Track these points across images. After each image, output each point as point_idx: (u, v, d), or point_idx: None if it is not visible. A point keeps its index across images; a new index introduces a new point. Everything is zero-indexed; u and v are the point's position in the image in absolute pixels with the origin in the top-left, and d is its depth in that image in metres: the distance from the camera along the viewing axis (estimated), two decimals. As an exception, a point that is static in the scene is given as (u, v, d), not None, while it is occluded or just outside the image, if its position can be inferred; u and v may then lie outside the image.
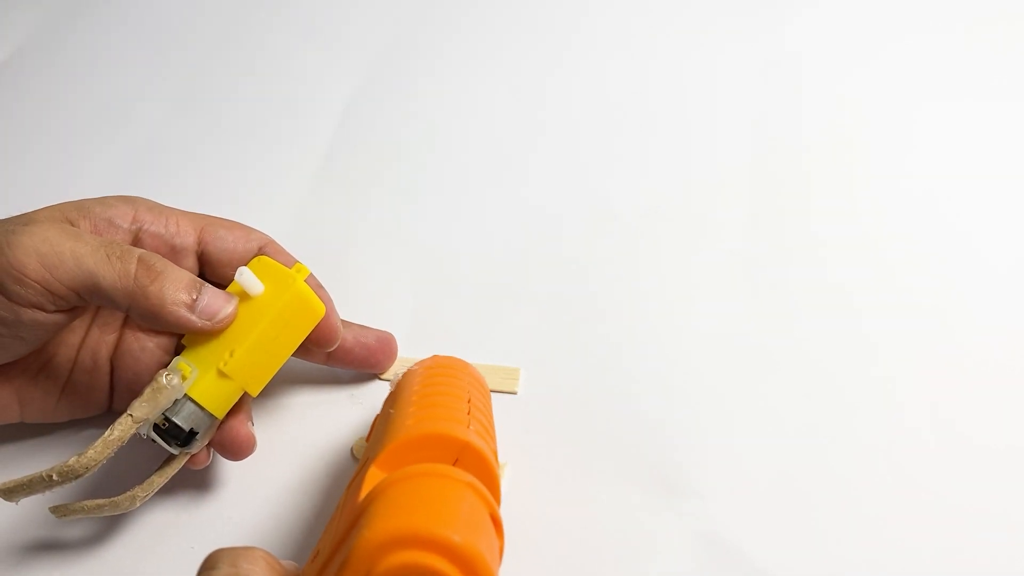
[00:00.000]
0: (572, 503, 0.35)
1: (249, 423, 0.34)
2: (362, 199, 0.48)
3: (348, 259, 0.45)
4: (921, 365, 0.37)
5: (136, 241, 0.35)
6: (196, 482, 0.37)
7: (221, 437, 0.34)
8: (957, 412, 0.36)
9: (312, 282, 0.35)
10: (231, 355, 0.32)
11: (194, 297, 0.31)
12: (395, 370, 0.40)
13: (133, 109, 0.54)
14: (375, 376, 0.40)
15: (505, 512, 0.35)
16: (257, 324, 0.32)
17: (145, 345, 0.36)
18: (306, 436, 0.38)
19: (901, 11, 0.52)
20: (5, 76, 0.57)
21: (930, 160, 0.45)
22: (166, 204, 0.37)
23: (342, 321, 0.37)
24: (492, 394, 0.38)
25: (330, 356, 0.37)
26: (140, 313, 0.31)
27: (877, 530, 0.33)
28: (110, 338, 0.36)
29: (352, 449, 0.37)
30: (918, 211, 0.43)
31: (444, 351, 0.40)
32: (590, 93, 0.51)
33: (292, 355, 0.35)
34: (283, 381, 0.40)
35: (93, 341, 0.36)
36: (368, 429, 0.35)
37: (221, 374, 0.32)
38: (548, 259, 0.43)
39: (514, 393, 0.38)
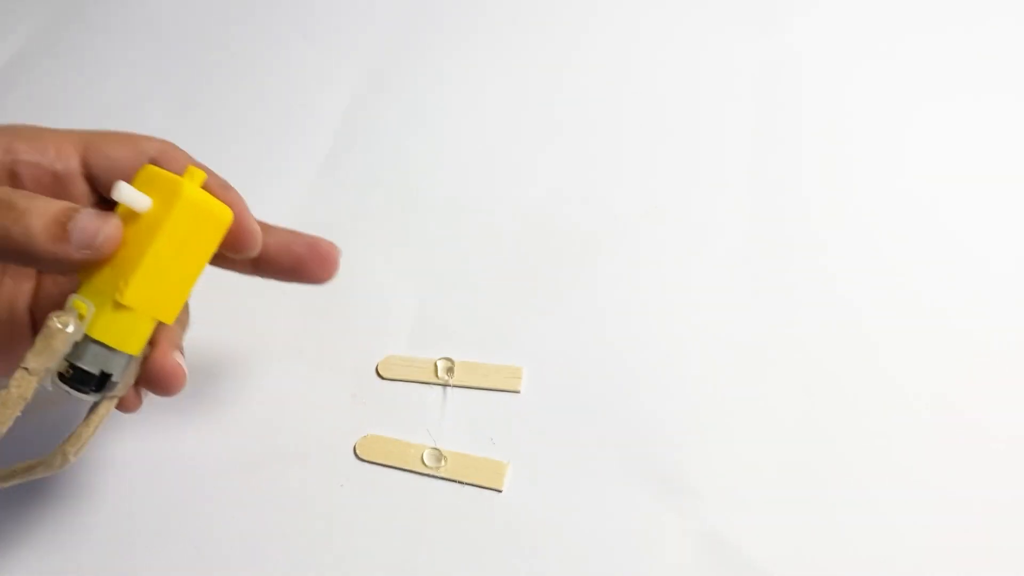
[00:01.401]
0: (574, 502, 0.35)
1: (175, 353, 0.31)
2: (364, 199, 0.48)
3: (351, 259, 0.45)
4: (921, 363, 0.37)
5: (12, 176, 0.31)
6: (195, 482, 0.37)
7: (146, 373, 0.30)
8: (957, 409, 0.36)
9: (216, 182, 0.31)
10: (125, 283, 0.28)
11: (65, 226, 0.27)
12: (394, 370, 0.40)
13: (133, 111, 0.54)
14: (377, 375, 0.40)
15: (506, 511, 0.35)
16: (149, 244, 0.28)
17: (66, 289, 0.30)
18: (307, 435, 0.38)
19: (901, 11, 0.52)
20: (6, 78, 0.57)
21: (930, 160, 0.45)
22: None
23: (270, 226, 0.33)
24: (495, 393, 0.39)
25: (256, 266, 0.34)
26: (15, 258, 0.28)
27: (878, 528, 0.33)
28: (26, 287, 0.33)
29: (354, 448, 0.37)
30: (918, 210, 0.43)
31: (446, 350, 0.40)
32: (590, 94, 0.51)
33: (215, 266, 0.32)
34: (282, 380, 0.40)
35: (7, 292, 0.32)
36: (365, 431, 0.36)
37: (119, 306, 0.28)
38: (550, 258, 0.43)
39: (517, 392, 0.39)
